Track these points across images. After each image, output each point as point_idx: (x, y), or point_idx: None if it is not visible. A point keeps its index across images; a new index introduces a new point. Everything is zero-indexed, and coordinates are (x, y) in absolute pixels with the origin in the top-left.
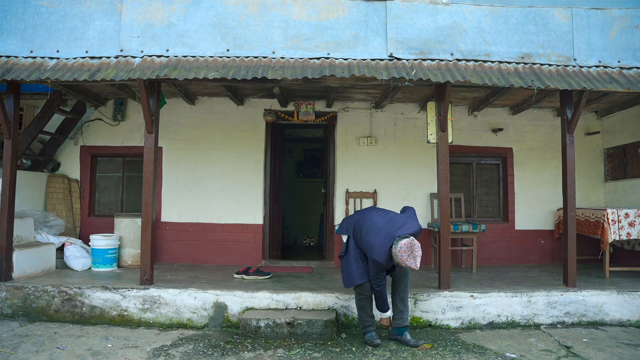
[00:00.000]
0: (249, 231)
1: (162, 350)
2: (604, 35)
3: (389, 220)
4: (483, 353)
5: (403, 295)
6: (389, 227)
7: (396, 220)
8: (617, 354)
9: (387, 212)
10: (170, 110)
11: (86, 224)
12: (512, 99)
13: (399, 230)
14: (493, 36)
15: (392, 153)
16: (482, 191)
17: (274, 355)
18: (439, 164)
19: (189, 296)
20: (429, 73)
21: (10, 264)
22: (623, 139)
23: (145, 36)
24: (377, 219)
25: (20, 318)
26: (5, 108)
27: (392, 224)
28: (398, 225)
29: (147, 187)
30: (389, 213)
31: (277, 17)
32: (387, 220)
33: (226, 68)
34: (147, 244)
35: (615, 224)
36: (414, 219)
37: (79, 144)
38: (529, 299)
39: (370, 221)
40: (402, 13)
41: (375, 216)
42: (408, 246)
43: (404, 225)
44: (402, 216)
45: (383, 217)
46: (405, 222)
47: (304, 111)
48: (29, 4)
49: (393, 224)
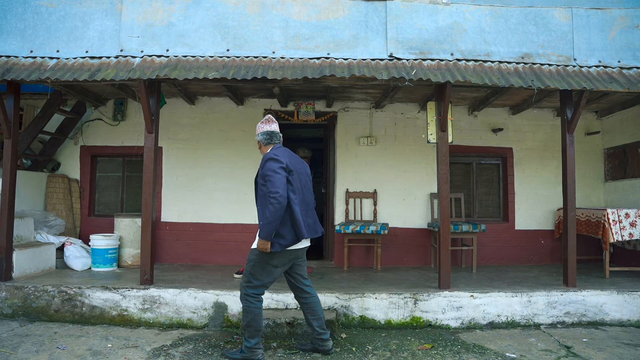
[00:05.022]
0: (249, 231)
1: (162, 350)
2: (604, 35)
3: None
4: (483, 353)
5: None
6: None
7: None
8: (617, 354)
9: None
10: (170, 110)
11: (86, 224)
12: (512, 99)
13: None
14: (493, 36)
15: (392, 153)
16: (482, 191)
17: (274, 355)
18: (439, 164)
19: (189, 296)
20: (429, 73)
21: (10, 263)
22: (623, 139)
23: (145, 36)
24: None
25: (20, 318)
26: (5, 108)
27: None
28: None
29: (147, 187)
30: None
31: (277, 17)
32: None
33: (226, 68)
34: (147, 244)
35: (616, 224)
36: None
37: (79, 144)
38: (529, 299)
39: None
40: (402, 13)
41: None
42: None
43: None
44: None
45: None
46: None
47: (304, 111)
48: (29, 4)
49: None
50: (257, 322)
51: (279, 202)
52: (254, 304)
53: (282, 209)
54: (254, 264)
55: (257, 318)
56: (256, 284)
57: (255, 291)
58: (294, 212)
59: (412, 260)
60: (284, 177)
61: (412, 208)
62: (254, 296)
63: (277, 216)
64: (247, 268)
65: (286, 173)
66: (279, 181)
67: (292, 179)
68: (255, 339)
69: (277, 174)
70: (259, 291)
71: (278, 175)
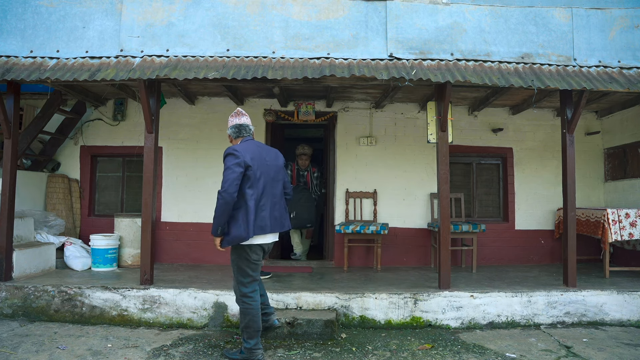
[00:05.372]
0: None
1: (162, 350)
2: (604, 35)
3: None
4: (483, 353)
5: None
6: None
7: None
8: (617, 353)
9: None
10: (170, 110)
11: (86, 224)
12: (512, 99)
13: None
14: (493, 36)
15: (392, 153)
16: (482, 191)
17: (274, 355)
18: (439, 164)
19: (189, 296)
20: (429, 73)
21: (10, 263)
22: (623, 139)
23: (145, 36)
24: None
25: (20, 318)
26: (5, 108)
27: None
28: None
29: (147, 187)
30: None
31: (277, 17)
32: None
33: (226, 68)
34: (147, 244)
35: (616, 224)
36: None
37: (79, 144)
38: (529, 299)
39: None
40: (402, 13)
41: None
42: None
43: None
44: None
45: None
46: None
47: (304, 111)
48: (29, 4)
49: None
50: (255, 323)
51: (224, 198)
52: (251, 305)
53: (227, 205)
54: (237, 263)
55: (255, 319)
56: (247, 281)
57: (249, 288)
58: (248, 208)
59: (412, 260)
60: (235, 174)
61: (412, 208)
62: (249, 296)
63: (222, 212)
64: (234, 270)
65: (242, 169)
66: (229, 178)
67: (252, 173)
68: (254, 340)
69: (230, 170)
70: (252, 287)
71: (230, 172)
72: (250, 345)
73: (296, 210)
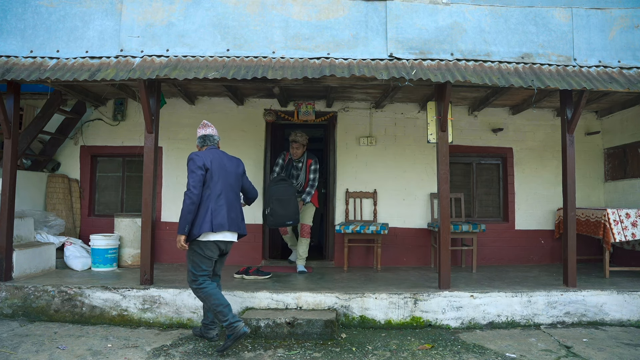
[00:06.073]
0: (248, 231)
1: (162, 350)
2: (604, 35)
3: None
4: (483, 353)
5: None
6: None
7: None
8: (617, 353)
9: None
10: (170, 110)
11: (86, 224)
12: (512, 99)
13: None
14: (493, 36)
15: (392, 153)
16: (482, 191)
17: (274, 355)
18: (439, 164)
19: (189, 296)
20: (429, 73)
21: (10, 263)
22: (623, 139)
23: (145, 36)
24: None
25: (20, 318)
26: (5, 108)
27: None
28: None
29: (147, 187)
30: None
31: (277, 17)
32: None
33: (226, 68)
34: (147, 243)
35: (617, 224)
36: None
37: (79, 144)
38: (529, 299)
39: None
40: (402, 13)
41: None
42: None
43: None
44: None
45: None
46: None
47: (304, 111)
48: (29, 4)
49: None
50: (218, 299)
51: (190, 197)
52: (206, 288)
53: (193, 204)
54: (191, 259)
55: (216, 296)
56: (199, 274)
57: (200, 280)
58: (206, 207)
59: (412, 260)
60: (198, 176)
61: (412, 208)
62: (201, 285)
63: (189, 211)
64: (188, 265)
65: (203, 171)
66: (192, 179)
67: (209, 177)
68: (227, 316)
69: (193, 172)
70: (203, 279)
71: (193, 174)
72: (229, 321)
73: (271, 205)
